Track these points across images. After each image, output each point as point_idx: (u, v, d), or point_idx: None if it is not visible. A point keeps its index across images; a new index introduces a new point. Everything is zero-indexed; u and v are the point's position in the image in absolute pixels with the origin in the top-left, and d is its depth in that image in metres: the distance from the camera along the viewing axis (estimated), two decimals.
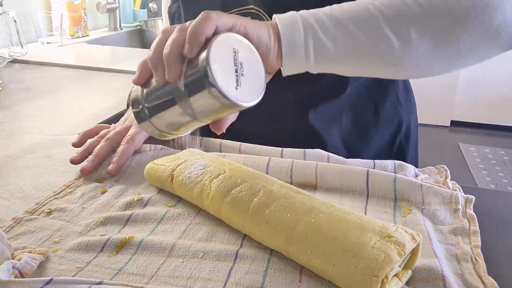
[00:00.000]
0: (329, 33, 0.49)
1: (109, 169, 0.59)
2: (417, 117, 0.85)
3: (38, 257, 0.41)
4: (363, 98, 0.74)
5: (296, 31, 0.49)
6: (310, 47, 0.49)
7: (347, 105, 0.73)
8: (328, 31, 0.49)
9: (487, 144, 3.16)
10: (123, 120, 0.69)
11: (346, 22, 0.50)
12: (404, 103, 0.78)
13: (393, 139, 0.78)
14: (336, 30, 0.49)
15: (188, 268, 0.42)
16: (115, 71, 1.18)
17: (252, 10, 0.67)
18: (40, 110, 0.87)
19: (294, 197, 0.45)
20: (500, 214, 0.53)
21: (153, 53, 0.44)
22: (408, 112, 0.80)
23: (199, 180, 0.51)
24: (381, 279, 0.36)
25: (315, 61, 0.50)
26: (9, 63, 1.20)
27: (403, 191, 0.53)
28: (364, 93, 0.74)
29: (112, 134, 0.64)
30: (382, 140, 0.77)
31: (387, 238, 0.39)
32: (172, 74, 0.42)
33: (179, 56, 0.42)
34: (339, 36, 0.49)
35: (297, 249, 0.41)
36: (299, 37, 0.49)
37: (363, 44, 0.50)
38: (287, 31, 0.49)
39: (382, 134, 0.77)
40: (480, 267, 0.41)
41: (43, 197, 0.53)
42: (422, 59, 0.51)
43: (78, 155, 0.62)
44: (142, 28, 1.86)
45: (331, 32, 0.49)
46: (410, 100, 0.81)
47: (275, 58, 0.49)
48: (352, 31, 0.50)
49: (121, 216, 0.49)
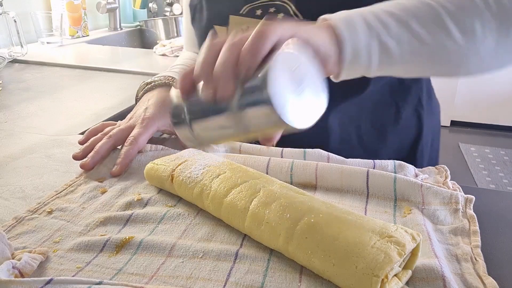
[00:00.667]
0: (393, 33, 0.45)
1: (113, 171, 0.59)
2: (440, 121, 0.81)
3: (38, 257, 0.41)
4: (385, 98, 0.71)
5: (358, 33, 0.44)
6: (375, 50, 0.45)
7: (368, 104, 0.70)
8: (391, 31, 0.45)
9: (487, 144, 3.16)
10: (128, 118, 0.69)
11: (409, 20, 0.46)
12: (426, 105, 0.75)
13: (413, 142, 0.75)
14: (399, 30, 0.46)
15: (188, 268, 0.42)
16: (115, 71, 1.18)
17: (277, 1, 0.65)
18: (40, 110, 0.87)
19: (294, 197, 0.45)
20: (500, 214, 0.53)
21: (201, 71, 0.40)
22: (429, 115, 0.76)
23: (199, 180, 0.51)
24: (381, 278, 0.36)
25: (378, 64, 0.46)
26: (9, 63, 1.20)
27: (403, 191, 0.53)
28: (386, 93, 0.71)
29: (115, 132, 0.65)
30: (401, 143, 0.74)
31: (387, 238, 0.39)
32: (224, 93, 0.38)
33: (233, 75, 0.38)
34: (404, 36, 0.46)
35: (297, 249, 0.41)
36: (362, 40, 0.45)
37: (428, 44, 0.46)
38: (349, 34, 0.44)
39: (402, 136, 0.74)
40: (480, 267, 0.41)
41: (45, 196, 0.53)
42: (486, 54, 0.49)
43: (80, 151, 0.63)
44: (142, 28, 1.86)
45: (394, 32, 0.45)
46: (432, 103, 0.78)
47: (334, 64, 0.45)
48: (416, 29, 0.46)
49: (121, 216, 0.49)
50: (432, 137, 0.79)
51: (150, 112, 0.67)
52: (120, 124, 0.68)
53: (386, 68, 0.47)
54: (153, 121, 0.66)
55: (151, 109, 0.68)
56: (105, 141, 0.63)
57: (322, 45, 0.43)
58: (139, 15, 1.97)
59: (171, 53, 1.42)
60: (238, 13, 0.67)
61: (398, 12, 0.46)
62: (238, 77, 0.38)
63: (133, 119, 0.68)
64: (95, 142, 0.64)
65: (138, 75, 1.14)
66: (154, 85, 0.73)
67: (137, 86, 0.78)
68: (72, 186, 0.56)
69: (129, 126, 0.66)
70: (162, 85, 0.73)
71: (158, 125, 0.67)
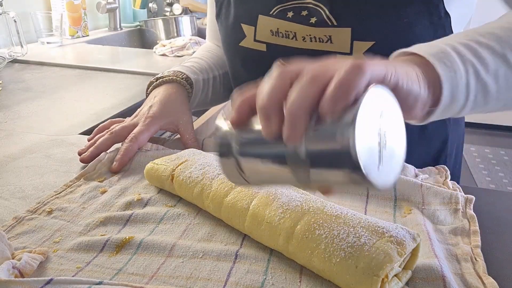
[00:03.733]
0: (490, 68, 0.41)
1: (112, 167, 0.60)
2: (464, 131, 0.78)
3: (38, 257, 0.41)
4: None
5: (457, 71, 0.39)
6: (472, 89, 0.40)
7: None
8: (488, 66, 0.40)
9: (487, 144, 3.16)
10: (134, 115, 0.70)
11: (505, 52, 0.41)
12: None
13: (438, 154, 0.72)
14: (496, 65, 0.41)
15: (188, 268, 0.42)
16: (115, 71, 1.18)
17: (309, 5, 0.63)
18: (40, 110, 0.87)
19: (294, 197, 0.45)
20: (500, 214, 0.53)
21: (268, 101, 0.32)
22: (455, 125, 0.74)
23: (199, 180, 0.51)
24: (381, 278, 0.36)
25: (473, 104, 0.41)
26: (9, 63, 1.20)
27: (403, 191, 0.53)
28: None
29: (117, 128, 0.66)
30: (427, 155, 0.72)
31: (387, 238, 0.39)
32: (295, 135, 0.31)
33: (310, 113, 0.31)
34: (501, 70, 0.41)
35: (297, 249, 0.41)
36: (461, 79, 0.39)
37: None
38: (448, 73, 0.38)
39: (427, 148, 0.71)
40: (480, 267, 0.41)
41: (44, 196, 0.53)
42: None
43: (85, 147, 0.64)
44: (142, 28, 1.86)
45: (492, 67, 0.41)
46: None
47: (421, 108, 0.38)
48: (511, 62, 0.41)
49: (121, 216, 0.49)
50: (456, 146, 0.76)
51: (154, 111, 0.68)
52: (126, 121, 0.69)
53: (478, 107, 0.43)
54: (156, 119, 0.67)
55: (155, 107, 0.68)
56: (106, 137, 0.64)
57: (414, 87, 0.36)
58: (139, 15, 1.97)
59: (171, 53, 1.41)
60: (268, 13, 0.66)
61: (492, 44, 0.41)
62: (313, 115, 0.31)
63: (138, 116, 0.68)
64: (99, 138, 0.65)
65: (138, 75, 1.14)
66: (163, 81, 0.73)
67: (137, 86, 0.78)
68: (72, 187, 0.56)
69: (133, 124, 0.67)
70: (170, 81, 0.73)
71: (161, 124, 0.68)
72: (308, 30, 0.62)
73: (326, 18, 0.61)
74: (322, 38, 0.62)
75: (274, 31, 0.64)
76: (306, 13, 0.63)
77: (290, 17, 0.64)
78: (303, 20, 0.63)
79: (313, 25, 0.62)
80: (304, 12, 0.61)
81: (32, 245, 0.45)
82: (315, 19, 0.62)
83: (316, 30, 0.62)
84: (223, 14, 0.74)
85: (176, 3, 2.10)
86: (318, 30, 0.62)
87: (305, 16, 0.63)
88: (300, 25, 0.63)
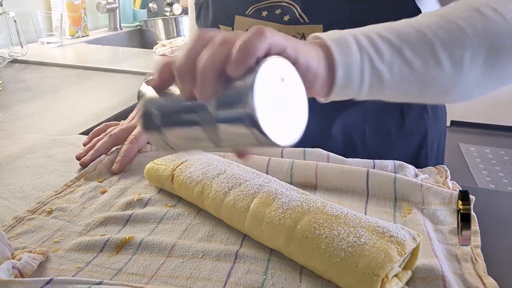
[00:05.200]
0: (385, 59, 0.44)
1: (112, 169, 0.60)
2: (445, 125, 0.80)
3: (38, 257, 0.41)
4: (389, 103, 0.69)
5: (352, 57, 0.43)
6: (367, 75, 0.44)
7: (372, 110, 0.69)
8: (383, 56, 0.44)
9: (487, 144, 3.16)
10: (130, 117, 0.70)
11: (402, 47, 0.45)
12: (431, 110, 0.74)
13: (418, 147, 0.74)
14: (392, 56, 0.45)
15: (188, 268, 0.42)
16: (115, 71, 1.18)
17: (283, 3, 0.64)
18: (40, 110, 0.87)
19: (294, 197, 0.45)
20: (500, 214, 0.53)
21: (185, 62, 0.36)
22: (434, 120, 0.75)
23: (200, 180, 0.51)
24: (381, 278, 0.36)
25: (368, 90, 0.45)
26: (9, 63, 1.20)
27: (403, 191, 0.53)
28: None
29: (116, 131, 0.66)
30: (406, 148, 0.73)
31: (387, 238, 0.39)
32: (205, 92, 0.35)
33: (217, 73, 0.35)
34: (395, 62, 0.45)
35: (297, 249, 0.41)
36: (355, 65, 0.43)
37: (418, 71, 0.46)
38: (343, 58, 0.42)
39: (406, 141, 0.73)
40: (480, 267, 0.41)
41: (44, 196, 0.53)
42: (471, 84, 0.49)
43: (83, 151, 0.64)
44: (142, 28, 1.86)
45: (387, 58, 0.44)
46: (438, 107, 0.77)
47: (322, 86, 0.43)
48: (407, 56, 0.45)
49: (121, 216, 0.49)
50: (437, 141, 0.78)
51: None
52: (122, 124, 0.68)
53: (375, 93, 0.46)
54: None
55: None
56: (105, 140, 0.64)
57: (313, 64, 0.40)
58: (139, 15, 1.97)
59: (171, 53, 1.41)
60: (244, 13, 0.67)
61: (392, 37, 0.45)
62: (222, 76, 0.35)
63: (135, 119, 0.68)
64: (97, 142, 0.65)
65: (138, 75, 1.14)
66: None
67: (137, 86, 0.78)
68: (72, 187, 0.56)
69: (131, 126, 0.67)
70: None
71: None
72: (282, 28, 0.63)
73: (298, 16, 0.63)
74: (295, 35, 0.63)
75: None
76: (280, 12, 0.64)
77: (265, 16, 0.65)
78: (277, 19, 0.64)
79: (286, 23, 0.63)
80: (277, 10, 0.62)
81: (32, 245, 0.45)
82: (288, 17, 0.63)
83: (289, 28, 0.63)
84: (202, 17, 0.76)
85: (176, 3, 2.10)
86: (291, 28, 0.63)
87: (278, 14, 0.64)
88: (274, 23, 0.64)
